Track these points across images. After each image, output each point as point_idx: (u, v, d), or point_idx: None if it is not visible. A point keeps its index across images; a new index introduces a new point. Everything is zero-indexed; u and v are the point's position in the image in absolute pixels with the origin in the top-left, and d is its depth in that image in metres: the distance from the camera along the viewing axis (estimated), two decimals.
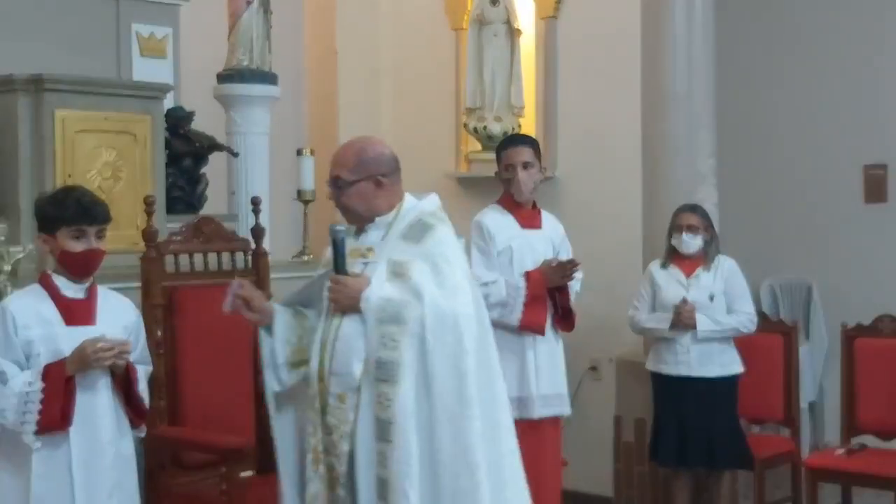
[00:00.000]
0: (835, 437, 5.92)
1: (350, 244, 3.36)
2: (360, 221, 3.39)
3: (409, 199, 3.41)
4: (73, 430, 3.28)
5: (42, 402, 3.23)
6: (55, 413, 3.24)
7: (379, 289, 3.22)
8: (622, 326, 5.39)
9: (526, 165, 4.59)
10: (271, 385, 3.37)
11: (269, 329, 3.38)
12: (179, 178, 5.56)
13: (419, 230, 3.34)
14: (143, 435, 3.59)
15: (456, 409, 3.17)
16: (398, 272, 3.25)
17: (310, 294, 3.46)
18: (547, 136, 6.30)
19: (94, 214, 3.38)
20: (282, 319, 3.40)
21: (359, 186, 3.35)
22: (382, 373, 3.15)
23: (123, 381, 3.41)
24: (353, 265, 3.32)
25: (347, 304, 3.23)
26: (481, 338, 3.28)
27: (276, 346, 3.38)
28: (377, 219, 3.37)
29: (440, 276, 3.25)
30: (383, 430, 3.14)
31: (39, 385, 3.24)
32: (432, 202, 3.46)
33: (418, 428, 3.14)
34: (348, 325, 3.23)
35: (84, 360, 3.27)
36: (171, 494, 4.10)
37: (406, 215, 3.37)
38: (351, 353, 3.20)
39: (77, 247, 3.35)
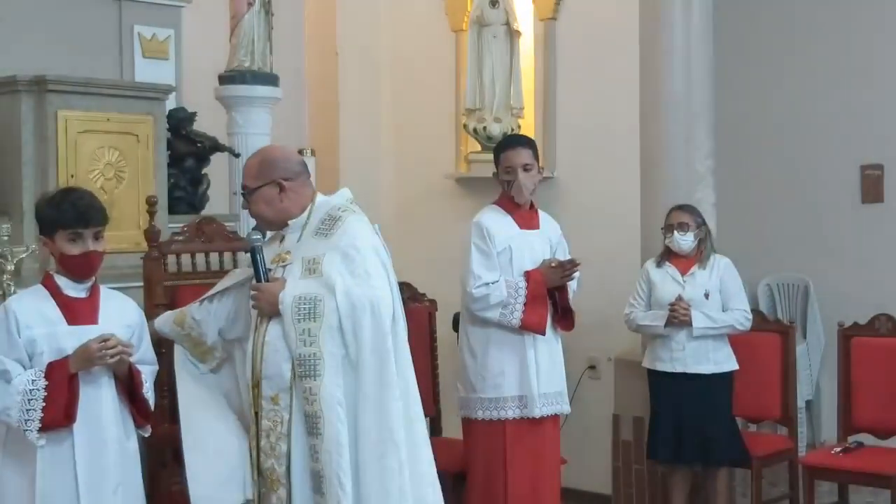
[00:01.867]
0: (831, 436, 5.95)
1: (274, 251, 3.47)
2: (273, 227, 3.51)
3: (319, 198, 3.50)
4: (76, 427, 3.30)
5: (45, 399, 3.25)
6: (58, 410, 3.26)
7: (293, 288, 3.32)
8: (620, 326, 5.40)
9: (526, 167, 4.61)
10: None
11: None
12: (181, 178, 5.57)
13: (328, 224, 3.43)
14: (147, 434, 3.61)
15: (378, 392, 3.29)
16: (311, 268, 3.35)
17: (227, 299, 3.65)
18: (546, 137, 6.31)
19: (90, 218, 3.39)
20: (168, 330, 3.72)
21: (262, 192, 3.46)
22: (304, 369, 3.27)
23: (126, 383, 3.43)
24: (275, 271, 3.42)
25: (269, 310, 3.35)
26: (397, 320, 3.39)
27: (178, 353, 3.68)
28: (291, 222, 3.47)
29: (351, 264, 3.34)
30: (312, 425, 3.25)
31: (43, 383, 3.26)
32: (342, 196, 3.55)
33: (347, 416, 3.25)
34: (272, 330, 3.34)
35: (89, 357, 3.29)
36: (172, 493, 4.09)
37: (317, 213, 3.46)
38: (278, 354, 3.31)
39: (74, 250, 3.37)
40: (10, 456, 3.35)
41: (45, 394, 3.25)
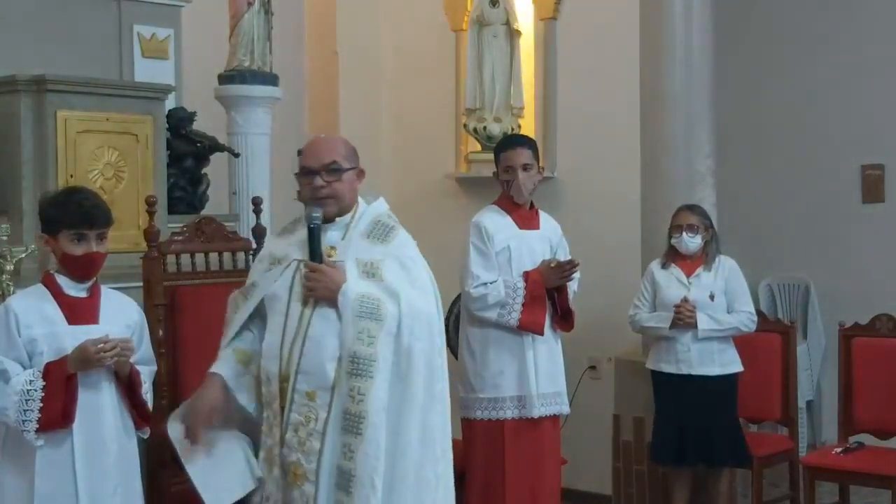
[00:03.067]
0: (832, 436, 5.95)
1: (301, 242, 3.36)
2: (340, 212, 3.39)
3: (361, 202, 3.45)
4: (76, 427, 3.29)
5: (43, 399, 3.24)
6: (56, 411, 3.25)
7: (356, 285, 3.24)
8: (621, 326, 5.39)
9: (526, 167, 4.61)
10: None
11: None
12: (181, 178, 5.56)
13: (382, 230, 3.38)
14: (146, 436, 3.59)
15: (426, 404, 3.25)
16: (369, 271, 3.29)
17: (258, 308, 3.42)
18: (546, 137, 6.31)
19: (95, 219, 3.38)
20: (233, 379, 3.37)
21: (349, 174, 3.38)
22: (357, 367, 3.18)
23: (127, 384, 3.42)
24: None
25: (324, 294, 3.24)
26: (441, 337, 3.37)
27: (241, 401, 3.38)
28: (337, 219, 3.38)
29: (410, 276, 3.32)
30: (353, 424, 3.17)
31: (40, 383, 3.25)
32: (383, 204, 3.49)
33: (387, 422, 3.18)
34: (319, 324, 3.24)
35: (86, 358, 3.27)
36: (171, 493, 4.09)
37: (363, 216, 3.40)
38: (323, 351, 3.21)
39: (77, 250, 3.36)
40: (10, 457, 3.34)
41: (43, 394, 3.24)
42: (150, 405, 3.52)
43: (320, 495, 3.18)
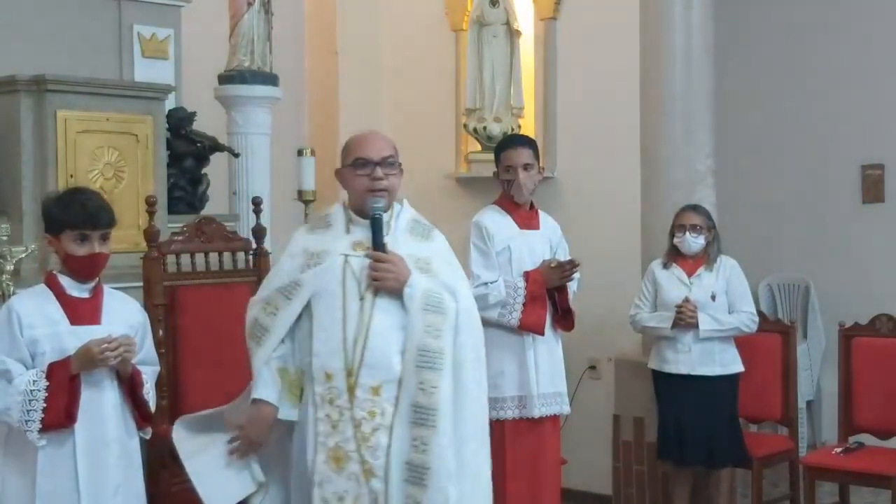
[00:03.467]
0: (832, 436, 5.94)
1: (350, 237, 3.35)
2: (388, 207, 3.39)
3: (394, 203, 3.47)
4: (78, 427, 3.30)
5: (46, 400, 3.24)
6: (59, 411, 3.26)
7: (420, 279, 3.26)
8: (621, 326, 5.39)
9: (527, 167, 4.61)
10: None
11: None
12: (181, 178, 5.56)
13: (423, 229, 3.42)
14: (147, 436, 3.60)
15: (476, 394, 3.29)
16: (423, 267, 3.30)
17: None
18: (546, 137, 6.31)
19: (98, 219, 3.39)
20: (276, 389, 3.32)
21: (398, 170, 3.40)
22: (426, 360, 3.18)
23: (128, 384, 3.42)
24: (353, 257, 3.29)
25: (392, 285, 3.23)
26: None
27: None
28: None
29: (455, 274, 3.39)
30: (425, 416, 3.15)
31: (43, 384, 3.26)
32: (409, 205, 3.51)
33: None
34: (380, 317, 3.22)
35: (90, 359, 3.28)
36: (172, 494, 4.09)
37: (400, 215, 3.42)
38: (388, 345, 3.20)
39: (80, 251, 3.36)
40: (12, 455, 3.35)
41: (46, 394, 3.25)
42: (153, 405, 3.53)
43: (391, 492, 3.15)
